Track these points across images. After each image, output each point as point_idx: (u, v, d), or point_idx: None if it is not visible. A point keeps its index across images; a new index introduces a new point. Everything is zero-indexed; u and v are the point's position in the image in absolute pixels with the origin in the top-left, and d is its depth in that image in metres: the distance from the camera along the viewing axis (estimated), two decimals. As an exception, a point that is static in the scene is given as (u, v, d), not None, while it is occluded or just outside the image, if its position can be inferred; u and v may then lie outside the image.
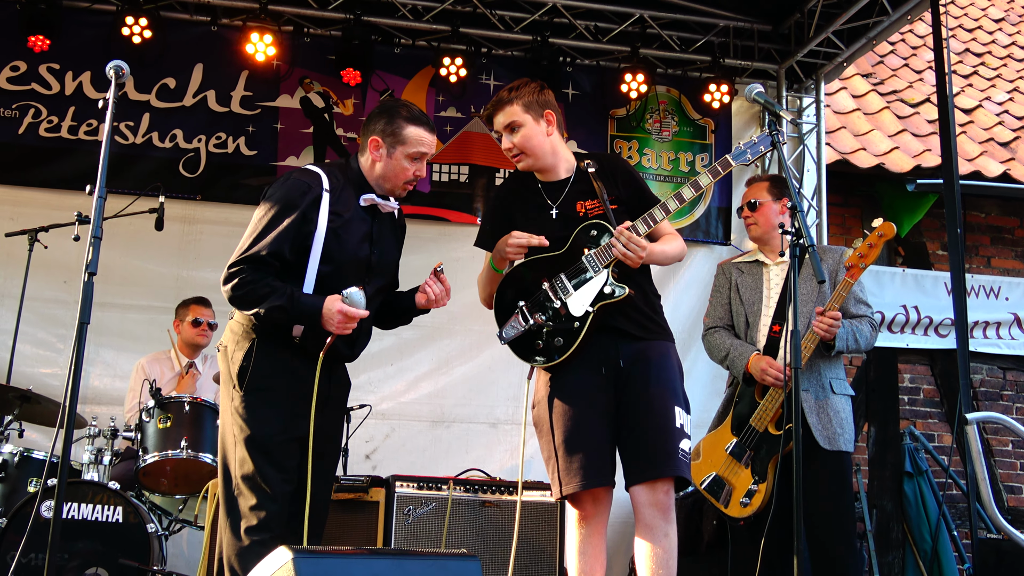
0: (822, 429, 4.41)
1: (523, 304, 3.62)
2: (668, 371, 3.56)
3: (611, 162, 3.79)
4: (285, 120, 6.86)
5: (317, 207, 3.44)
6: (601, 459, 3.49)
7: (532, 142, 3.64)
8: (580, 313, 3.53)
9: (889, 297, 7.76)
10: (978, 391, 8.03)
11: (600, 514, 3.54)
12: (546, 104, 3.67)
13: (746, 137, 7.37)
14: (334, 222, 3.47)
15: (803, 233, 3.30)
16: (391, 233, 3.75)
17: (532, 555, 5.19)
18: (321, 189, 3.47)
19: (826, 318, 4.32)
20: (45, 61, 6.50)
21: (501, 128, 3.68)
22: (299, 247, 3.43)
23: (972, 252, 8.28)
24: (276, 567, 2.63)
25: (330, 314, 3.37)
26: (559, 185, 3.69)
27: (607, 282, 3.52)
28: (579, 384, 3.54)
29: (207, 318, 6.01)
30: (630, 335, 3.56)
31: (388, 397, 6.74)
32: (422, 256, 6.96)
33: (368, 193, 3.59)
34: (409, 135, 3.58)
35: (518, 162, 3.69)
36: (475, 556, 3.03)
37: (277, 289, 3.37)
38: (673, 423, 3.47)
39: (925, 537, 7.19)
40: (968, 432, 5.10)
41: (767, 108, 3.61)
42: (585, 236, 3.58)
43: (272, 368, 3.47)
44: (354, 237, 3.53)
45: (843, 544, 4.42)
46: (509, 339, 3.64)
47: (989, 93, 9.33)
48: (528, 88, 3.67)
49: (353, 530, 4.93)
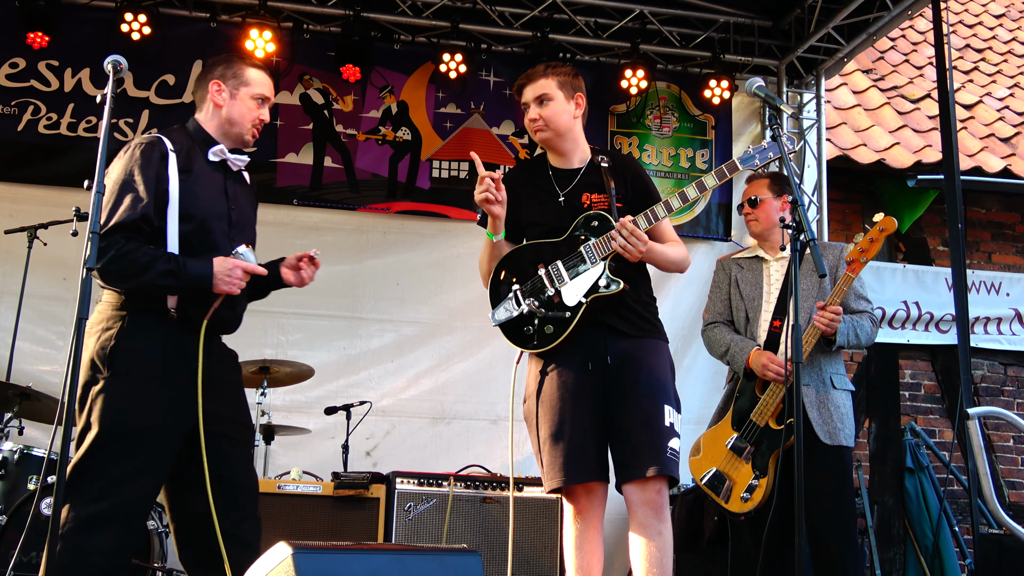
0: (823, 424, 4.40)
1: (517, 288, 3.60)
2: (658, 369, 3.54)
3: (624, 161, 3.80)
4: (284, 117, 6.84)
5: (166, 165, 3.31)
6: (585, 455, 3.46)
7: (558, 119, 3.65)
8: (573, 303, 3.51)
9: (890, 293, 7.75)
10: (979, 387, 8.02)
11: (594, 508, 3.52)
12: (579, 88, 3.72)
13: (746, 134, 7.55)
14: (185, 179, 3.33)
15: (804, 227, 3.29)
16: (246, 193, 3.63)
17: (532, 550, 5.19)
18: (166, 148, 3.34)
19: (827, 313, 4.31)
20: (44, 58, 6.49)
21: (531, 99, 3.68)
22: (157, 209, 3.26)
23: (973, 248, 8.28)
24: (275, 563, 2.62)
25: (223, 271, 3.24)
26: (570, 174, 3.70)
27: (602, 275, 3.51)
28: (566, 379, 3.52)
29: None
30: (620, 332, 3.55)
31: (388, 394, 6.74)
32: (423, 253, 7.04)
33: (216, 146, 3.48)
34: (252, 76, 3.53)
35: (538, 133, 3.69)
36: (476, 551, 3.03)
37: (159, 255, 3.20)
38: (662, 421, 3.45)
39: (926, 533, 7.18)
40: (969, 427, 5.10)
41: (767, 102, 3.62)
42: (586, 226, 3.58)
43: (149, 346, 3.24)
44: (209, 192, 3.41)
45: (843, 539, 4.42)
46: (500, 322, 3.62)
47: (990, 89, 9.33)
48: (565, 68, 3.73)
49: (354, 526, 4.93)
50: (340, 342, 6.77)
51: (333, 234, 6.87)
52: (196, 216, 3.32)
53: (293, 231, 6.76)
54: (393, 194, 6.95)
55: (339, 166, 6.90)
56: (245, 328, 6.85)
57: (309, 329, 6.72)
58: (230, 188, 3.50)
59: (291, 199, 6.79)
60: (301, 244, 6.73)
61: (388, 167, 6.97)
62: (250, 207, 3.65)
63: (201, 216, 3.34)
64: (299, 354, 6.25)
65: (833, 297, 4.34)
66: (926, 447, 7.61)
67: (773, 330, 4.50)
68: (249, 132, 3.53)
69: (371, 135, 6.99)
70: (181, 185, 3.31)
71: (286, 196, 6.79)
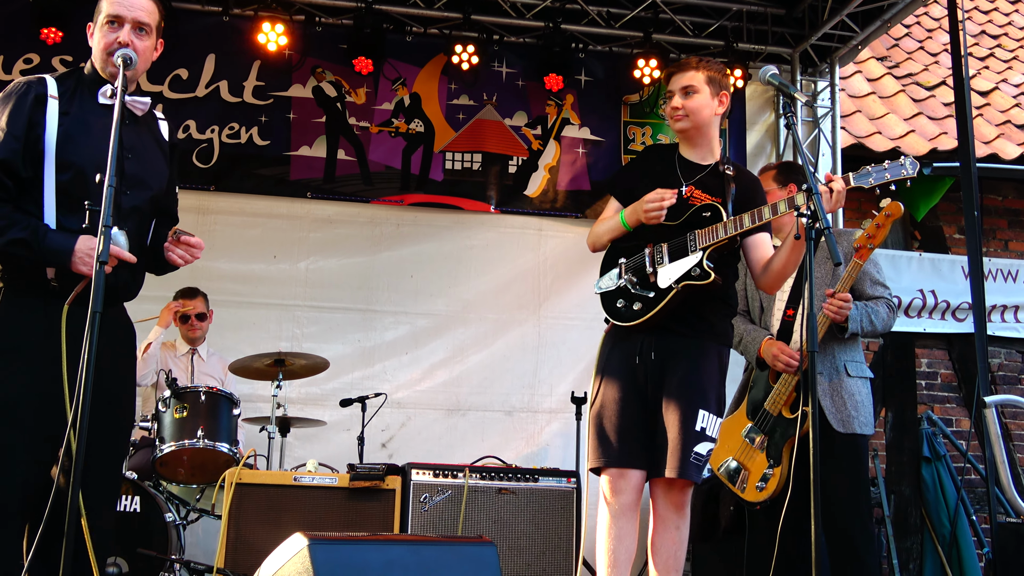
0: (835, 412, 4.39)
1: (623, 261, 3.71)
2: (698, 371, 3.58)
3: (747, 178, 3.86)
4: (297, 110, 6.85)
5: (44, 109, 3.03)
6: (628, 441, 3.55)
7: (700, 112, 3.71)
8: (664, 286, 3.59)
9: (906, 282, 7.71)
10: (996, 375, 7.98)
11: (629, 494, 3.56)
12: (725, 87, 3.78)
13: (760, 122, 7.54)
14: (65, 123, 3.05)
15: (819, 216, 3.27)
16: (154, 144, 3.33)
17: (549, 541, 5.20)
18: (44, 90, 3.07)
19: (835, 300, 4.29)
20: (58, 53, 6.51)
21: (677, 88, 3.74)
22: (30, 157, 3.00)
23: (989, 235, 8.23)
24: (291, 554, 2.63)
25: (85, 250, 2.93)
26: (696, 168, 3.76)
27: (698, 264, 3.56)
28: (619, 369, 3.63)
29: (195, 311, 6.03)
30: (670, 330, 3.61)
31: (403, 386, 6.76)
32: (436, 245, 7.04)
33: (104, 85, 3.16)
34: (103, 5, 3.25)
35: (677, 122, 3.75)
36: (491, 541, 3.04)
37: (17, 221, 2.94)
38: (692, 425, 3.51)
39: (944, 522, 7.15)
40: (986, 416, 5.07)
41: (781, 90, 3.62)
42: (698, 216, 3.64)
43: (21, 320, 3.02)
44: (93, 139, 3.06)
45: (858, 526, 4.40)
46: (601, 290, 3.75)
47: (1006, 75, 9.25)
48: (717, 66, 3.79)
49: (369, 518, 4.94)
50: (355, 335, 6.79)
51: (347, 227, 6.89)
52: (75, 164, 3.04)
53: (307, 224, 6.79)
54: (407, 186, 6.96)
55: (352, 159, 6.91)
56: (260, 321, 6.90)
57: (324, 322, 6.75)
58: (128, 136, 3.12)
59: (305, 192, 6.81)
60: (315, 237, 6.82)
61: (401, 159, 6.98)
62: (157, 160, 3.33)
63: (80, 164, 3.04)
64: (314, 347, 6.27)
65: (841, 284, 4.32)
66: (943, 436, 7.57)
67: (786, 319, 4.49)
68: (110, 64, 3.13)
69: (384, 127, 6.99)
70: (60, 130, 3.04)
71: (300, 189, 6.80)
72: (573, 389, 6.22)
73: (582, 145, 7.20)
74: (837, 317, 4.31)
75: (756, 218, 3.54)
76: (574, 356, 6.87)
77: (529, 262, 7.08)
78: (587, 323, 6.56)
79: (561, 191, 7.14)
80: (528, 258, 7.09)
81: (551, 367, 6.94)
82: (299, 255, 6.80)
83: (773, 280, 3.70)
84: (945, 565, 6.67)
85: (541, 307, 7.02)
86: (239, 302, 6.58)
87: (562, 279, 6.99)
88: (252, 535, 4.75)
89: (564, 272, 6.97)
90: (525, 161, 7.13)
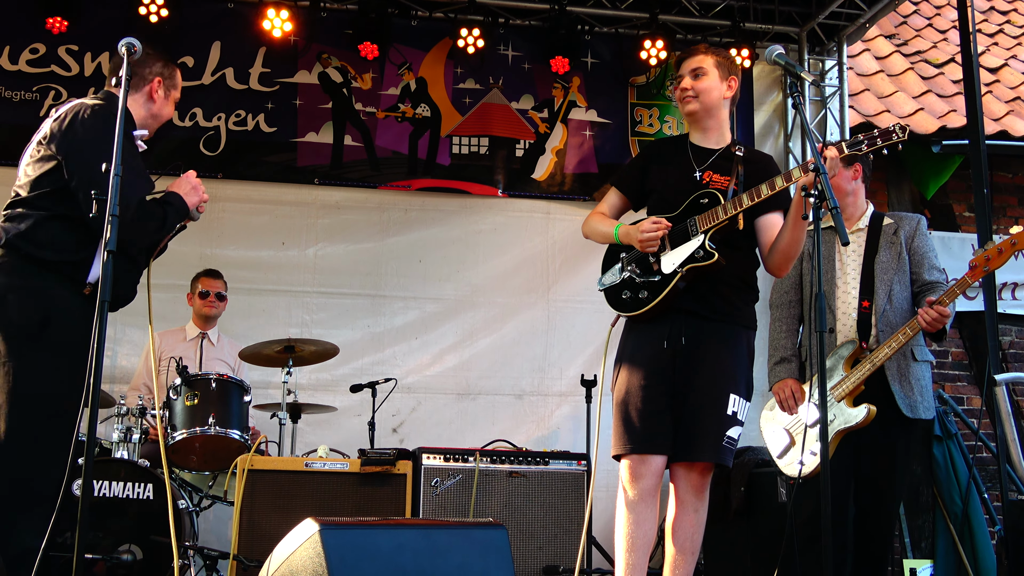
0: (905, 397, 4.33)
1: (624, 255, 3.73)
2: (731, 356, 3.60)
3: (760, 157, 3.87)
4: (304, 96, 6.84)
5: None
6: (651, 427, 3.54)
7: (709, 94, 3.75)
8: (669, 271, 3.60)
9: (916, 260, 7.68)
10: (1007, 353, 7.96)
11: (651, 480, 3.56)
12: (734, 72, 3.82)
13: (767, 102, 7.52)
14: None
15: (827, 195, 3.26)
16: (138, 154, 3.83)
17: (560, 524, 5.22)
18: None
19: (933, 311, 4.17)
20: (64, 43, 6.51)
21: (687, 71, 3.79)
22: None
23: (999, 213, 8.18)
24: (303, 539, 2.64)
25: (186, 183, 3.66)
26: (708, 153, 3.78)
27: (700, 247, 3.57)
28: (647, 352, 3.62)
29: (215, 289, 6.07)
30: (698, 314, 3.61)
31: (413, 371, 6.77)
32: (444, 229, 7.03)
33: (138, 131, 3.73)
34: (179, 82, 3.93)
35: (687, 104, 3.78)
36: (502, 525, 3.05)
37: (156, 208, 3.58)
38: (724, 410, 3.54)
39: (955, 500, 7.12)
40: (997, 394, 5.06)
41: (788, 70, 3.61)
42: (697, 202, 3.65)
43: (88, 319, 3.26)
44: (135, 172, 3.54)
45: (895, 509, 4.41)
46: (604, 287, 3.77)
47: (1015, 52, 9.19)
48: (726, 52, 3.89)
49: (381, 503, 4.96)
50: (364, 320, 6.80)
51: (355, 212, 6.89)
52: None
53: (315, 210, 6.79)
54: (414, 171, 6.95)
55: (359, 144, 6.90)
56: (269, 308, 6.91)
57: (333, 308, 6.76)
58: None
59: (312, 178, 6.81)
60: (323, 223, 6.82)
61: (408, 144, 6.97)
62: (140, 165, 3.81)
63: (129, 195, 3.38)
64: (324, 333, 6.27)
65: (946, 296, 4.19)
66: (954, 414, 7.54)
67: (863, 311, 4.40)
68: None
69: (390, 112, 6.98)
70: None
71: (307, 176, 6.80)
72: (583, 372, 6.23)
73: (589, 128, 7.17)
74: (930, 328, 4.22)
75: (755, 196, 3.54)
76: (584, 339, 6.87)
77: (537, 246, 7.07)
78: (596, 306, 6.49)
79: (569, 174, 7.13)
80: (536, 242, 7.08)
81: (561, 350, 6.94)
82: (307, 241, 6.81)
83: (780, 260, 3.67)
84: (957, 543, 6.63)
85: (550, 290, 7.01)
86: (248, 289, 6.58)
87: (571, 262, 6.98)
88: (264, 521, 4.77)
89: (573, 255, 6.95)
90: (532, 144, 7.11)
